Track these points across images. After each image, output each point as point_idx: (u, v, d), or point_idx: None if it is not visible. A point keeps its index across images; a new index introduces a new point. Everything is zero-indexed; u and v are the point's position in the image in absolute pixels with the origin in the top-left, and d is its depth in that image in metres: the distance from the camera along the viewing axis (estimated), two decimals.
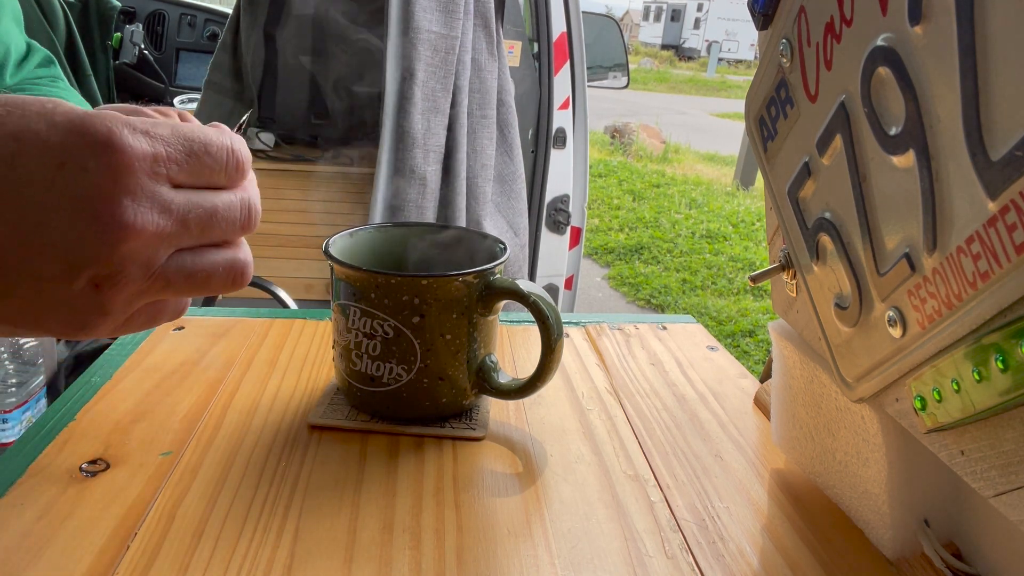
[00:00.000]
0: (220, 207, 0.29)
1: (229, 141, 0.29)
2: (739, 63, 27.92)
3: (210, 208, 0.29)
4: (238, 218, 0.30)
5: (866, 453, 0.39)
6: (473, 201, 1.60)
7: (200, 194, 0.28)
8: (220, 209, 0.29)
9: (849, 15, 0.32)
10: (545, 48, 1.90)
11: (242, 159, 0.30)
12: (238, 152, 0.30)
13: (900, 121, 0.30)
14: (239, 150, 0.30)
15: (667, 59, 26.91)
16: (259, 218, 0.31)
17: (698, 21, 30.59)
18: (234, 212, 0.29)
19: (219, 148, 0.29)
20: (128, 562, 0.35)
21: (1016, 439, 0.27)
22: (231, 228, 0.30)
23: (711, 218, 5.15)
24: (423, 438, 0.47)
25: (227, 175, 0.29)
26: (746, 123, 0.44)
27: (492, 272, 0.47)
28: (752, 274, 0.44)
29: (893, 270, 0.32)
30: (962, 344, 0.28)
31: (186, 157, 0.28)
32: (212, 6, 2.80)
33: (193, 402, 0.50)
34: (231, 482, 0.42)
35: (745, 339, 3.25)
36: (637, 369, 0.59)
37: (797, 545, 0.40)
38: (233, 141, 0.30)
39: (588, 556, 0.37)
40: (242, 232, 0.30)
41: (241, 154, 0.30)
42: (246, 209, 0.30)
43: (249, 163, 0.30)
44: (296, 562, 0.36)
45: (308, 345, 0.60)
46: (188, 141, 0.28)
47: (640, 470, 0.45)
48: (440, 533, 0.38)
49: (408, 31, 1.45)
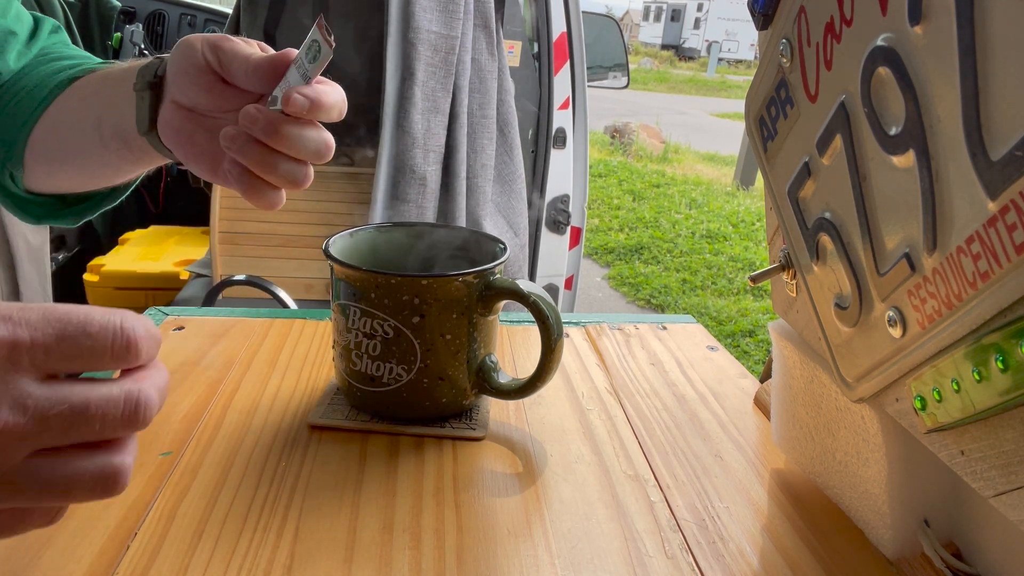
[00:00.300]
0: (94, 402, 0.25)
1: (118, 321, 0.26)
2: (739, 63, 27.93)
3: (80, 404, 0.25)
4: (118, 414, 0.25)
5: (866, 453, 0.39)
6: (473, 201, 1.60)
7: (70, 386, 0.25)
8: (93, 404, 0.25)
9: (849, 15, 0.32)
10: (545, 48, 1.90)
11: (133, 340, 0.26)
12: (128, 333, 0.26)
13: (900, 121, 0.30)
14: (130, 330, 0.26)
15: (667, 59, 26.92)
16: (152, 411, 0.26)
17: (698, 21, 30.60)
18: (112, 407, 0.25)
19: (102, 329, 0.25)
20: (128, 562, 0.35)
21: (1016, 439, 0.27)
22: (108, 426, 0.25)
23: (711, 218, 5.15)
24: (423, 438, 0.47)
25: (114, 360, 0.26)
26: (746, 123, 0.44)
27: (492, 272, 0.47)
28: (752, 274, 0.44)
29: (893, 270, 0.32)
30: (962, 344, 0.28)
31: (57, 342, 0.24)
32: (212, 6, 2.80)
33: (193, 402, 0.50)
34: (231, 482, 0.42)
35: (745, 339, 3.25)
36: (637, 369, 0.59)
37: (797, 545, 0.40)
38: (124, 320, 0.26)
39: (588, 556, 0.37)
40: (125, 429, 0.26)
41: (134, 335, 0.26)
42: (132, 403, 0.26)
43: (146, 345, 0.26)
44: (296, 562, 0.36)
45: (308, 345, 0.60)
46: (62, 323, 0.25)
47: (640, 470, 0.45)
48: (440, 533, 0.38)
49: (408, 31, 1.45)
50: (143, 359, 0.27)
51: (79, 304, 0.26)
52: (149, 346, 0.27)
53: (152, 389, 0.27)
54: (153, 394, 0.26)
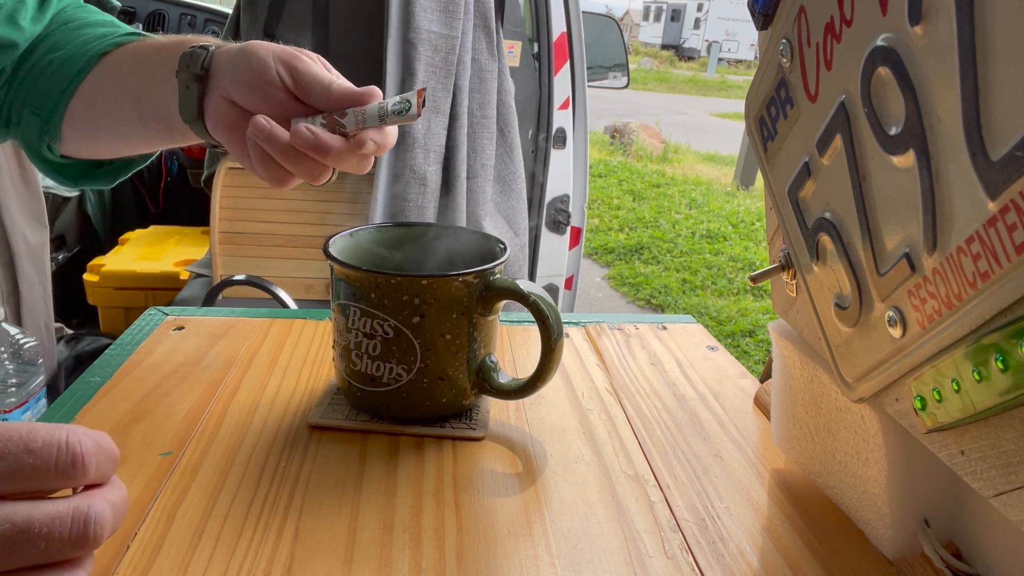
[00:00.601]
0: (38, 521, 0.24)
1: (63, 436, 0.25)
2: (739, 63, 27.92)
3: (22, 524, 0.23)
4: (65, 533, 0.24)
5: (866, 453, 0.39)
6: (473, 201, 1.60)
7: (13, 505, 0.24)
8: (38, 523, 0.24)
9: (849, 15, 0.32)
10: (545, 48, 1.90)
11: (79, 456, 0.25)
12: (74, 448, 0.25)
13: (900, 121, 0.30)
14: (76, 444, 0.25)
15: (667, 59, 26.91)
16: (104, 528, 0.25)
17: (698, 21, 30.59)
18: (59, 526, 0.24)
19: (45, 446, 0.24)
20: (128, 562, 0.35)
21: (1016, 439, 0.27)
22: (55, 546, 0.24)
23: (711, 218, 5.15)
24: (423, 438, 0.47)
25: (59, 477, 0.24)
26: (746, 123, 0.44)
27: (492, 272, 0.47)
28: (752, 274, 0.44)
29: (893, 270, 0.32)
30: (962, 344, 0.28)
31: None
32: (212, 6, 2.80)
33: (193, 402, 0.50)
34: (231, 482, 0.42)
35: (745, 339, 3.24)
36: (637, 369, 0.59)
37: (797, 545, 0.40)
38: (70, 435, 0.25)
39: (588, 556, 0.37)
40: (74, 550, 0.24)
41: (80, 450, 0.25)
42: (80, 521, 0.24)
43: (97, 460, 0.25)
44: (296, 562, 0.36)
45: (308, 345, 0.60)
46: (1, 440, 0.24)
47: (640, 470, 0.45)
48: (440, 533, 0.38)
49: (408, 31, 1.45)
50: (93, 475, 0.25)
51: (24, 422, 0.25)
52: (100, 461, 0.25)
53: (104, 504, 0.25)
54: (105, 510, 0.25)
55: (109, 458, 0.26)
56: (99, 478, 0.26)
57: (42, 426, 0.25)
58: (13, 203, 1.31)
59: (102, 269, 2.02)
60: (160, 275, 2.02)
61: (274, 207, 1.72)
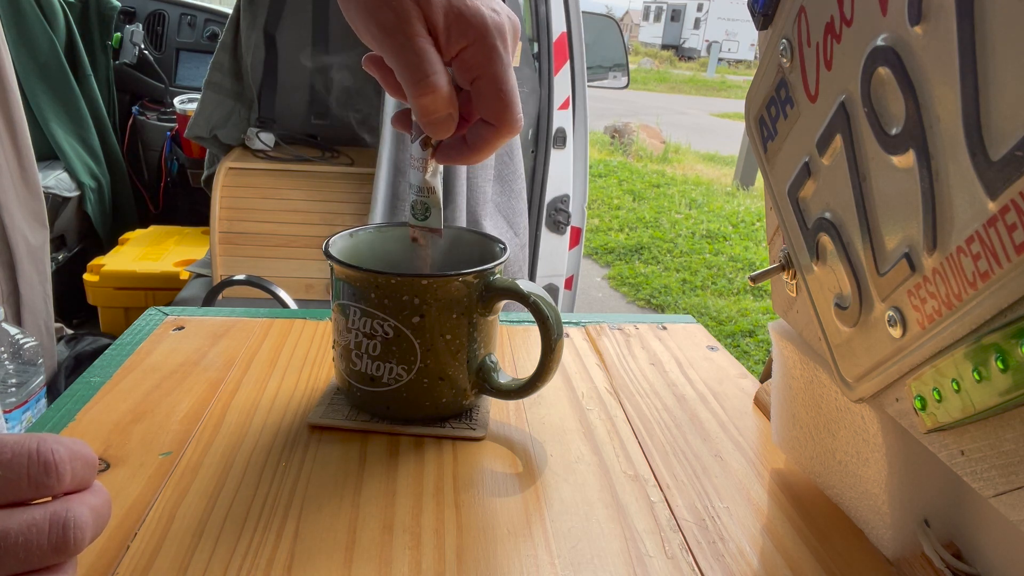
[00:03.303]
0: (15, 529, 0.24)
1: (34, 445, 0.24)
2: (739, 63, 27.92)
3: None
4: (44, 540, 0.24)
5: (866, 453, 0.39)
6: (473, 201, 1.60)
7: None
8: (14, 532, 0.24)
9: (849, 15, 0.32)
10: (545, 48, 1.90)
11: (52, 464, 0.24)
12: (46, 456, 0.24)
13: (900, 121, 0.30)
14: (48, 453, 0.25)
15: (667, 59, 26.90)
16: (85, 533, 0.25)
17: (698, 21, 30.59)
18: (37, 533, 0.24)
19: (15, 456, 0.24)
20: (128, 562, 0.35)
21: (1016, 439, 0.27)
22: (34, 554, 0.24)
23: (711, 218, 5.15)
24: (423, 438, 0.47)
25: (32, 487, 0.24)
26: (746, 123, 0.44)
27: (492, 272, 0.47)
28: (752, 274, 0.44)
29: (893, 270, 0.32)
30: (962, 344, 0.28)
31: None
32: (212, 6, 2.80)
33: (193, 402, 0.50)
34: (231, 482, 0.42)
35: (745, 339, 3.25)
36: (637, 369, 0.59)
37: (797, 545, 0.40)
38: (41, 444, 0.25)
39: (588, 556, 0.37)
40: (55, 556, 0.24)
41: (52, 457, 0.25)
42: (58, 526, 0.24)
43: (72, 467, 0.25)
44: (296, 562, 0.36)
45: (308, 345, 0.60)
46: None
47: (640, 470, 0.45)
48: (440, 533, 0.38)
49: None
50: (69, 482, 0.25)
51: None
52: (77, 467, 0.25)
53: (83, 508, 0.25)
54: (84, 513, 0.25)
55: (86, 464, 0.26)
56: (78, 484, 0.26)
57: (10, 436, 0.25)
58: (13, 203, 1.31)
59: (102, 269, 2.02)
60: (160, 275, 2.02)
61: (274, 207, 1.72)
